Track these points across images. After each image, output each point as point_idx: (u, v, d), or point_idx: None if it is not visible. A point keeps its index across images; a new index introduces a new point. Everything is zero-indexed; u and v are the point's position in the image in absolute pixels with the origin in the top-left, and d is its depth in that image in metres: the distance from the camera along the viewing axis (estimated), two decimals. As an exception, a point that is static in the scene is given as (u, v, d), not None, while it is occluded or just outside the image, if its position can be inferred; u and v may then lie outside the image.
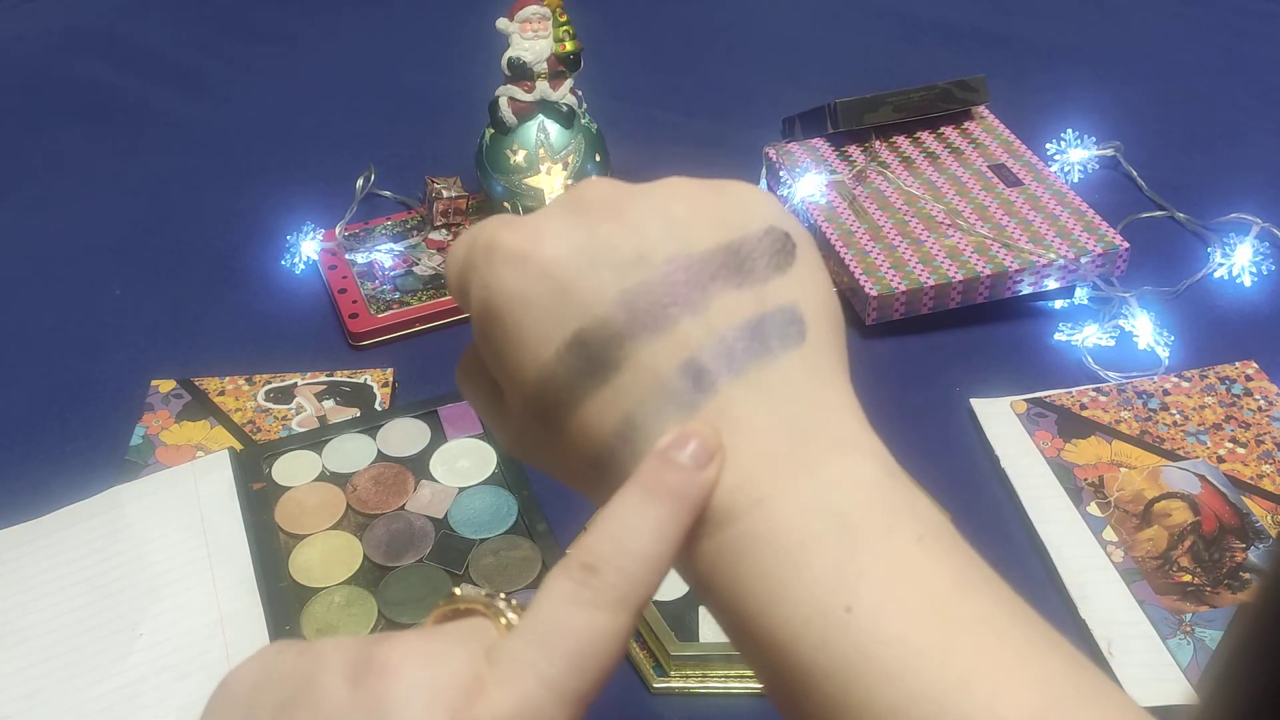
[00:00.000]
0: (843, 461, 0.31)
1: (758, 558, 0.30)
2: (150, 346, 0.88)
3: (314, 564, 0.69)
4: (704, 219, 0.33)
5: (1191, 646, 0.62)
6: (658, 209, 0.33)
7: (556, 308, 0.32)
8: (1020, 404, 0.78)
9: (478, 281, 0.34)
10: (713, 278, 0.32)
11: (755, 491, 0.30)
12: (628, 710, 0.63)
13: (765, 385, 0.31)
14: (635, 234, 0.32)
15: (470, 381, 0.38)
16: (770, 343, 0.32)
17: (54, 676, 0.63)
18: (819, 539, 0.29)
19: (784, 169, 0.96)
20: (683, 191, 0.34)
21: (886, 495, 0.31)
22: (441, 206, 0.95)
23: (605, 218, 0.33)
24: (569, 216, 0.33)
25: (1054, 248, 0.84)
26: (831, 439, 0.31)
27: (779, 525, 0.30)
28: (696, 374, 0.31)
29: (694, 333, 0.31)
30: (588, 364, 0.32)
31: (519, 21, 0.88)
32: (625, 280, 0.32)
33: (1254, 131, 1.10)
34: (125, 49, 1.29)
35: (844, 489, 0.30)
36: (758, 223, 0.33)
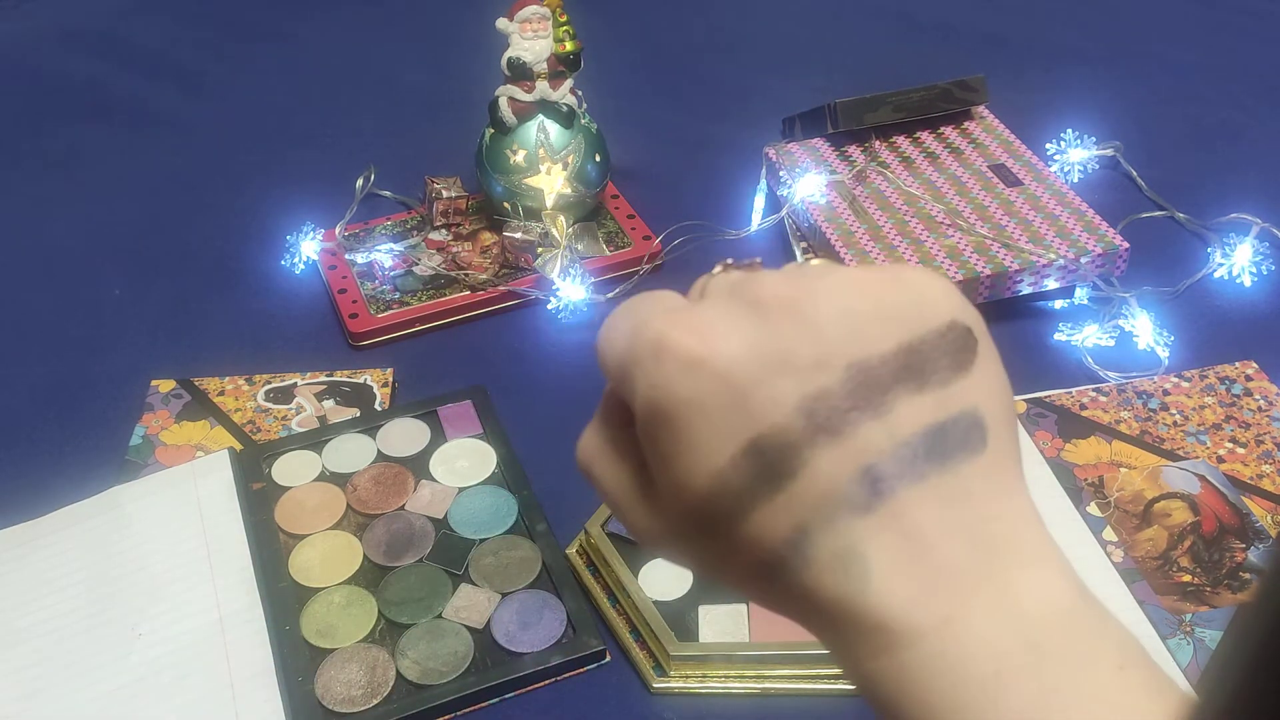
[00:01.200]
0: (1032, 578, 0.30)
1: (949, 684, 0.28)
2: (150, 346, 0.88)
3: (314, 564, 0.69)
4: (884, 316, 0.31)
5: (1191, 646, 0.62)
6: (837, 307, 0.31)
7: (732, 414, 0.30)
8: (1020, 404, 0.78)
9: (644, 381, 0.32)
10: (894, 381, 0.30)
11: (940, 608, 0.29)
12: (628, 710, 0.63)
13: (946, 494, 0.30)
14: (814, 336, 0.31)
15: (604, 465, 0.35)
16: (952, 450, 0.30)
17: (54, 676, 0.63)
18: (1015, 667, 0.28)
19: (784, 169, 0.96)
20: (859, 286, 0.32)
21: (1082, 618, 0.29)
22: (441, 206, 0.95)
23: (783, 319, 0.31)
24: (743, 314, 0.31)
25: (1054, 248, 0.84)
26: (1018, 553, 0.30)
27: (970, 650, 0.28)
28: (874, 481, 0.30)
29: (874, 439, 0.30)
30: (764, 472, 0.30)
31: (519, 21, 0.88)
32: (805, 387, 0.30)
33: (1254, 131, 1.10)
34: (125, 49, 1.29)
35: (1036, 610, 0.29)
36: (940, 319, 0.32)
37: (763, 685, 0.63)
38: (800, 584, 0.30)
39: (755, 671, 0.63)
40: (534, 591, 0.68)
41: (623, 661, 0.65)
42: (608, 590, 0.68)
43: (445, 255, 0.93)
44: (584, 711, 0.63)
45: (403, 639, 0.65)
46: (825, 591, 0.30)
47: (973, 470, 0.30)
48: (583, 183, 0.92)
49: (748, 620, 0.65)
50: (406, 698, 0.62)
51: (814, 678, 0.63)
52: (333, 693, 0.62)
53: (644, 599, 0.65)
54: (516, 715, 0.63)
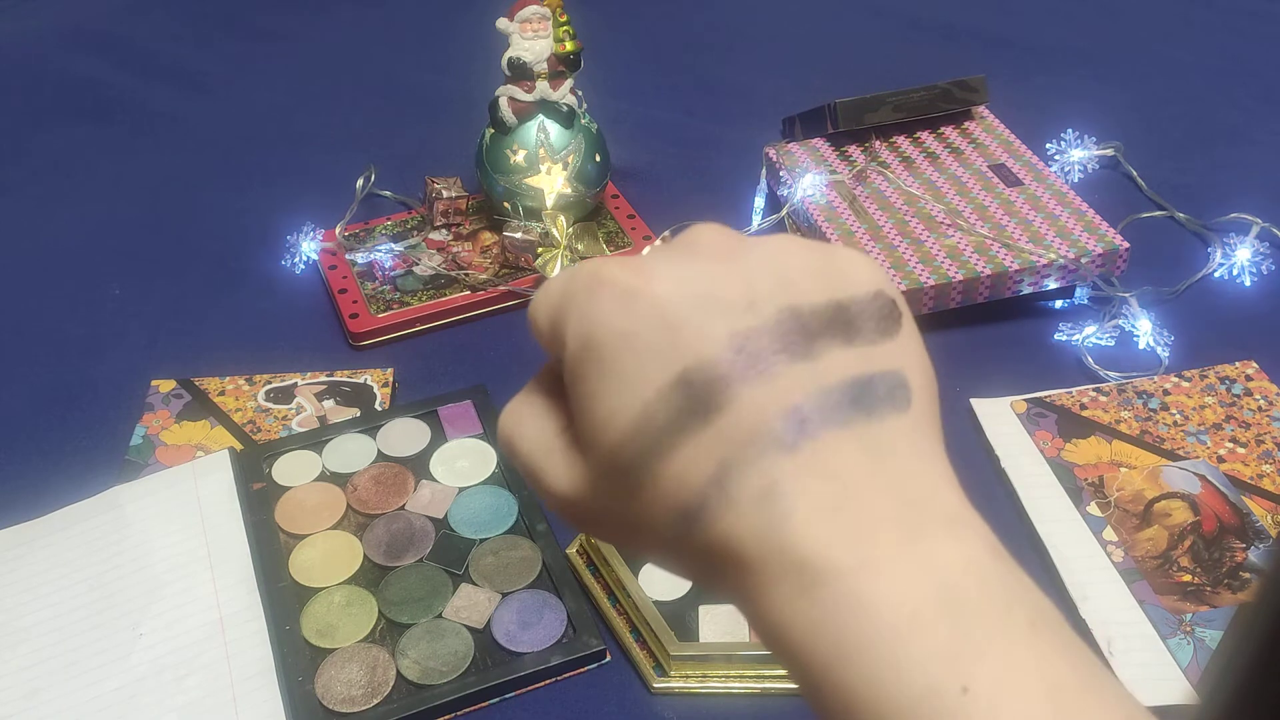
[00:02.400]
0: (952, 534, 0.30)
1: (862, 626, 0.28)
2: (150, 346, 0.88)
3: (314, 564, 0.69)
4: (814, 275, 0.33)
5: (1191, 646, 0.62)
6: (769, 260, 0.33)
7: (663, 346, 0.31)
8: (1020, 404, 0.78)
9: (577, 315, 0.32)
10: (822, 331, 0.31)
11: (859, 551, 0.29)
12: (628, 710, 0.63)
13: (870, 443, 0.31)
14: (747, 281, 0.32)
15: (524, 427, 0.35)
16: (877, 403, 0.31)
17: (54, 676, 0.63)
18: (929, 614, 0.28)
19: (784, 169, 0.96)
20: (793, 248, 0.33)
21: (999, 575, 0.29)
22: (441, 206, 0.95)
23: (717, 261, 0.32)
24: (680, 257, 0.33)
25: (1054, 248, 0.84)
26: (938, 510, 0.30)
27: (887, 592, 0.28)
28: (800, 421, 0.30)
29: (801, 381, 0.31)
30: (691, 404, 0.30)
31: (519, 21, 0.88)
32: (735, 324, 0.31)
33: (1254, 131, 1.10)
34: (125, 49, 1.29)
35: (955, 563, 0.29)
36: (867, 286, 0.33)
37: (763, 685, 0.63)
38: (719, 527, 0.30)
39: (755, 671, 0.63)
40: (534, 591, 0.68)
41: (623, 661, 0.65)
42: (608, 590, 0.68)
43: (445, 255, 0.93)
44: (584, 711, 0.63)
45: (403, 639, 0.65)
46: (744, 532, 0.30)
47: (896, 426, 0.31)
48: (583, 183, 0.92)
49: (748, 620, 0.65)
50: (407, 698, 0.62)
51: (814, 678, 0.63)
52: (333, 693, 0.62)
53: (644, 599, 0.65)
54: (516, 715, 0.63)
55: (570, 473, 0.33)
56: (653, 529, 0.32)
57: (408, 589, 0.68)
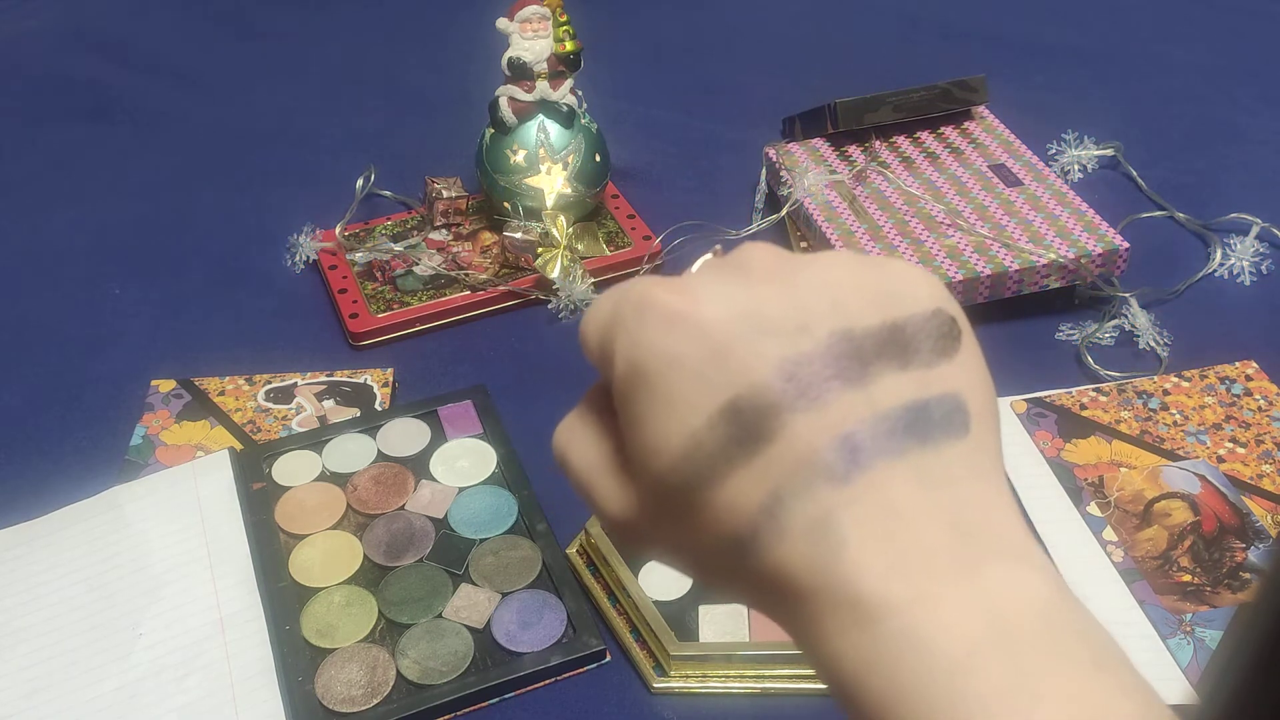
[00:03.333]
0: (1011, 569, 0.29)
1: (918, 663, 0.27)
2: (150, 346, 0.88)
3: (314, 564, 0.69)
4: (869, 295, 0.31)
5: (1191, 646, 0.62)
6: (821, 280, 0.31)
7: (712, 372, 0.30)
8: (1020, 404, 0.78)
9: (625, 339, 0.31)
10: (876, 355, 0.30)
11: (914, 585, 0.28)
12: (628, 710, 0.63)
13: (925, 472, 0.29)
14: (798, 303, 0.31)
15: (578, 446, 0.35)
16: (933, 429, 0.30)
17: (54, 676, 0.63)
18: (986, 652, 0.27)
19: (784, 169, 0.96)
20: (847, 265, 0.32)
21: (1060, 613, 0.28)
22: (441, 206, 0.95)
23: (767, 283, 0.31)
24: (729, 279, 0.32)
25: (1054, 248, 0.84)
26: (997, 542, 0.29)
27: (944, 629, 0.27)
28: (852, 450, 0.29)
29: (854, 408, 0.29)
30: (740, 433, 0.29)
31: (519, 21, 0.88)
32: (786, 349, 0.30)
33: (1254, 131, 1.10)
34: (125, 49, 1.29)
35: (1014, 599, 0.28)
36: (924, 304, 0.31)
37: (763, 685, 0.63)
38: (771, 557, 0.29)
39: (755, 671, 0.63)
40: (534, 591, 0.68)
41: (623, 661, 0.65)
42: (608, 590, 0.68)
43: (445, 255, 0.93)
44: (584, 711, 0.63)
45: (403, 639, 0.65)
46: (797, 563, 0.29)
47: (953, 454, 0.30)
48: (583, 183, 0.92)
49: (748, 620, 0.65)
50: (406, 697, 0.62)
51: (814, 678, 0.63)
52: (333, 692, 0.62)
53: (644, 599, 0.65)
54: (516, 715, 0.63)
55: (623, 495, 0.33)
56: (706, 555, 0.31)
57: (408, 589, 0.68)
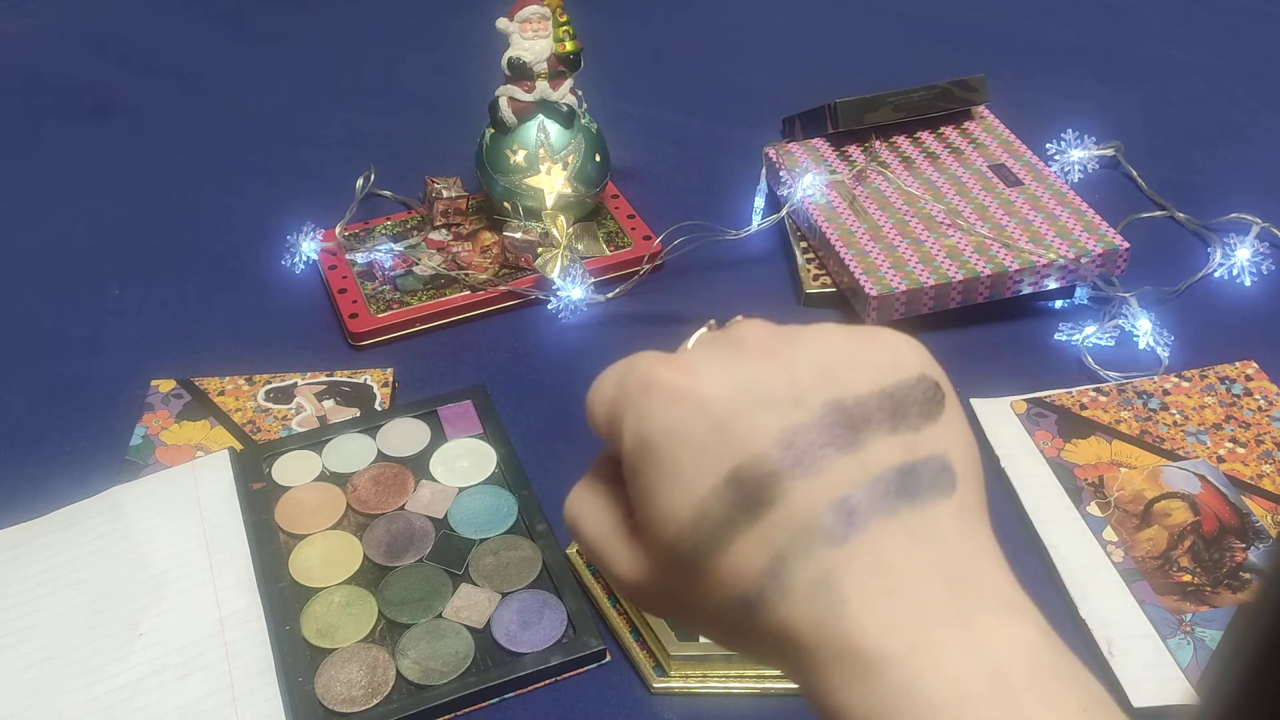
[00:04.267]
0: (1002, 618, 0.30)
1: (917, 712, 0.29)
2: (150, 346, 0.88)
3: (314, 564, 0.69)
4: (858, 365, 0.33)
5: (1191, 646, 0.62)
6: (813, 353, 0.33)
7: (714, 445, 0.32)
8: (1020, 404, 0.78)
9: (632, 415, 0.34)
10: (866, 422, 0.32)
11: (912, 637, 0.30)
12: (628, 710, 0.63)
13: (918, 530, 0.31)
14: (791, 376, 0.33)
15: (588, 515, 0.37)
16: (922, 489, 0.32)
17: (54, 676, 0.63)
18: (982, 700, 0.29)
19: (784, 169, 0.96)
20: (837, 338, 0.34)
21: (1049, 660, 0.30)
22: (441, 206, 0.95)
23: (762, 359, 0.33)
24: (726, 356, 0.34)
25: (1054, 248, 0.84)
26: (987, 592, 0.31)
27: (939, 679, 0.29)
28: (849, 512, 0.31)
29: (848, 473, 0.31)
30: (743, 501, 0.31)
31: (519, 21, 0.88)
32: (782, 421, 0.32)
33: (1254, 131, 1.10)
34: (125, 49, 1.29)
35: (1005, 648, 0.30)
36: (910, 371, 0.34)
37: (763, 685, 0.63)
38: (777, 615, 0.31)
39: (755, 671, 0.63)
40: (534, 591, 0.68)
41: (623, 661, 0.65)
42: (608, 590, 0.68)
43: (445, 255, 0.93)
44: (584, 711, 0.63)
45: (403, 639, 0.65)
46: (801, 621, 0.31)
47: (942, 511, 0.32)
48: (583, 183, 0.92)
49: (748, 620, 0.65)
50: (407, 698, 0.62)
51: (814, 678, 0.63)
52: (333, 693, 0.62)
53: (644, 599, 0.65)
54: (516, 715, 0.63)
55: (633, 559, 0.35)
56: (714, 614, 0.33)
57: (408, 589, 0.68)
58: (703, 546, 0.32)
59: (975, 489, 0.34)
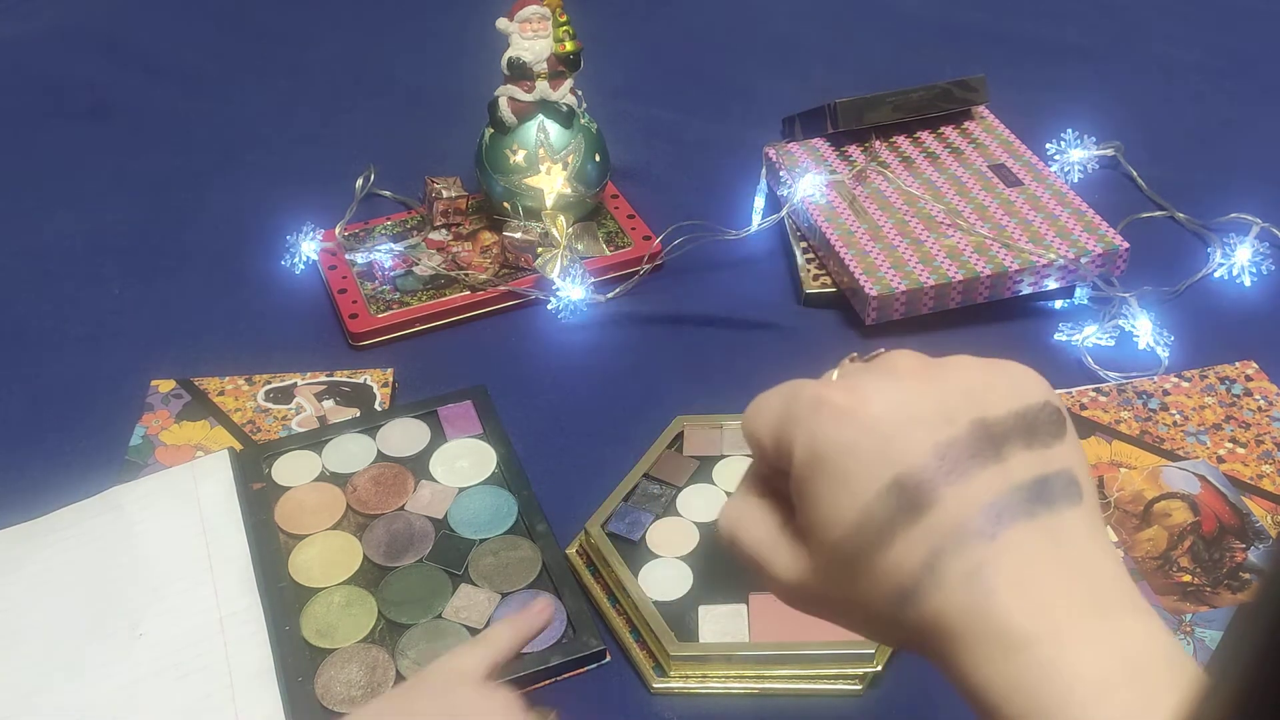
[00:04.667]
0: (1130, 612, 0.35)
1: (1056, 687, 0.33)
2: (150, 346, 0.88)
3: (314, 564, 0.69)
4: (996, 390, 0.38)
5: (1191, 647, 0.62)
6: (958, 378, 0.38)
7: (878, 456, 0.36)
8: (1020, 404, 0.78)
9: (803, 433, 0.38)
10: (1006, 439, 0.37)
11: (1053, 621, 0.34)
12: (628, 710, 0.63)
13: (1054, 532, 0.36)
14: (941, 398, 0.37)
15: (747, 526, 0.41)
16: (1056, 498, 0.36)
17: (54, 676, 0.63)
18: (1118, 679, 0.32)
19: (784, 169, 0.96)
20: (975, 368, 0.39)
21: (1173, 653, 0.34)
22: (441, 206, 0.95)
23: (916, 382, 0.38)
24: (884, 381, 0.38)
25: (1054, 248, 0.84)
26: (1116, 591, 0.35)
27: (1080, 659, 0.33)
28: (996, 514, 0.35)
29: (994, 482, 0.36)
30: (904, 504, 0.36)
31: (519, 21, 0.88)
32: (937, 436, 0.36)
33: (1254, 131, 1.10)
34: (125, 49, 1.29)
35: (1137, 639, 0.34)
36: (1039, 397, 0.38)
37: (763, 685, 0.63)
38: (931, 605, 0.36)
39: (755, 671, 0.63)
40: (534, 591, 0.68)
41: (623, 661, 0.65)
42: (608, 590, 0.68)
43: (445, 255, 0.93)
44: (584, 712, 0.63)
45: (403, 639, 0.65)
46: (953, 608, 0.35)
47: (1073, 518, 0.36)
48: (583, 183, 0.92)
49: (748, 620, 0.65)
50: (406, 698, 0.62)
51: (814, 678, 0.63)
52: (333, 693, 0.62)
53: (644, 599, 0.65)
54: (516, 715, 0.63)
55: (796, 563, 0.39)
56: (871, 607, 0.37)
57: (407, 589, 0.68)
58: (866, 546, 0.36)
59: (1095, 502, 0.38)
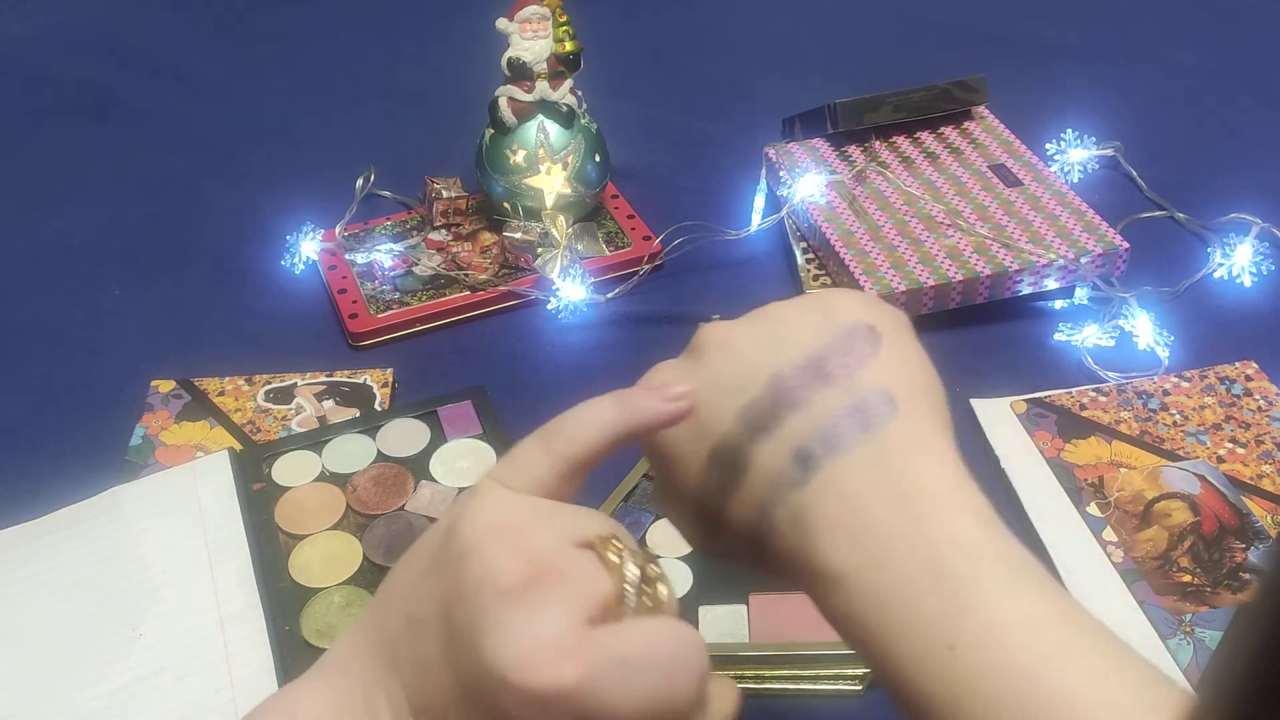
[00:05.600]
0: (941, 518, 0.37)
1: (875, 610, 0.36)
2: (150, 346, 0.88)
3: (314, 564, 0.69)
4: (797, 334, 0.40)
5: (1191, 646, 0.62)
6: (758, 335, 0.41)
7: (695, 436, 0.40)
8: (1020, 404, 0.78)
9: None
10: (811, 380, 0.39)
11: (865, 553, 0.37)
12: (628, 710, 0.63)
13: (865, 459, 0.38)
14: (743, 362, 0.40)
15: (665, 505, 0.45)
16: (872, 422, 0.38)
17: (54, 676, 0.63)
18: (924, 590, 0.35)
19: (784, 169, 0.96)
20: (778, 316, 0.42)
21: (979, 547, 0.37)
22: (441, 206, 0.95)
23: (717, 355, 0.41)
24: (688, 362, 0.42)
25: (1054, 248, 0.84)
26: (930, 497, 0.37)
27: (890, 581, 0.36)
28: (804, 459, 0.38)
29: (799, 427, 0.38)
30: (724, 472, 0.40)
31: (519, 21, 0.88)
32: (739, 400, 0.39)
33: (1254, 131, 1.10)
34: (125, 49, 1.29)
35: (943, 544, 0.36)
36: (843, 324, 0.40)
37: (763, 685, 0.63)
38: (774, 550, 0.39)
39: (755, 671, 0.63)
40: (534, 591, 0.68)
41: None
42: (608, 590, 0.68)
43: (445, 255, 0.93)
44: (584, 711, 0.63)
45: (403, 639, 0.65)
46: (789, 551, 0.39)
47: (887, 436, 0.38)
48: (583, 183, 0.92)
49: (748, 620, 0.65)
50: (406, 698, 0.62)
51: (814, 678, 0.63)
52: (333, 693, 0.62)
53: (644, 599, 0.65)
54: (516, 715, 0.63)
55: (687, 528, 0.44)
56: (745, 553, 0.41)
57: (408, 589, 0.68)
58: (713, 511, 0.41)
59: (923, 403, 0.40)
